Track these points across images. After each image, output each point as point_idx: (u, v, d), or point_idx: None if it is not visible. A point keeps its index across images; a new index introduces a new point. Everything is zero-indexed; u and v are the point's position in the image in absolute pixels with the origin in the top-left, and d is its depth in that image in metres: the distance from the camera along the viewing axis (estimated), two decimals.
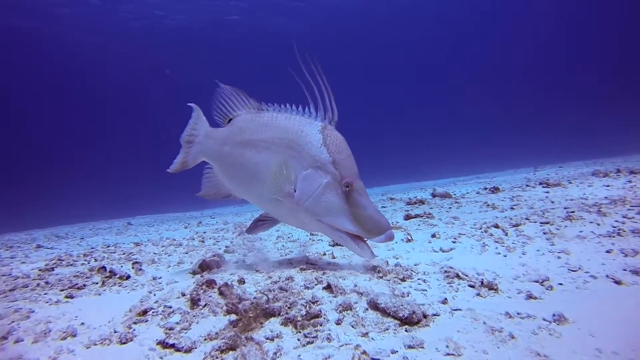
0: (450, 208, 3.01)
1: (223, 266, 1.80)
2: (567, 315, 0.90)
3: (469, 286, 1.20)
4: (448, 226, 2.24)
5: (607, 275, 1.17)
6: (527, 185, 3.63)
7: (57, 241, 4.14)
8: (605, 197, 2.40)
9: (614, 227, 1.76)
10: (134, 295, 1.46)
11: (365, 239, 1.35)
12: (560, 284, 1.16)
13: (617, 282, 1.12)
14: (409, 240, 1.92)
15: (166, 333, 1.00)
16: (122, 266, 2.06)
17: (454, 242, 1.74)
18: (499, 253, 1.50)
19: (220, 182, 1.65)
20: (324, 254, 1.76)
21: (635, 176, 3.23)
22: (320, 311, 0.98)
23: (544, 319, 0.89)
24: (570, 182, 3.42)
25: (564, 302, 1.01)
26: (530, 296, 1.07)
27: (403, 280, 1.30)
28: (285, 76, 1.40)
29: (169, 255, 2.34)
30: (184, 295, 1.28)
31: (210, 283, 1.21)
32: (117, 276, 1.76)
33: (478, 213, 2.61)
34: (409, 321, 0.91)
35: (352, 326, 0.91)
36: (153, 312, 1.16)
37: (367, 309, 1.00)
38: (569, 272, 1.25)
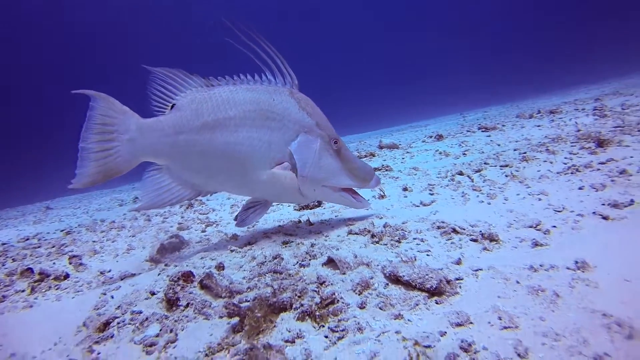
0: (403, 159, 3.01)
1: (185, 248, 1.58)
2: (587, 260, 0.87)
3: (471, 240, 1.15)
4: (412, 177, 2.21)
5: (593, 212, 1.19)
6: (467, 131, 3.76)
7: None
8: (545, 136, 2.54)
9: (565, 163, 1.85)
10: (83, 300, 1.21)
11: (356, 190, 1.39)
12: (554, 226, 1.16)
13: (605, 218, 1.15)
14: (382, 197, 1.85)
15: (147, 351, 0.80)
16: (54, 263, 1.74)
17: (431, 194, 1.70)
18: (482, 201, 1.48)
19: (176, 182, 1.33)
20: (299, 222, 1.62)
21: (555, 115, 3.50)
22: (334, 294, 0.85)
23: (568, 268, 0.86)
24: (504, 125, 3.61)
25: (571, 246, 1.00)
26: (536, 243, 1.05)
27: (399, 241, 1.22)
28: (228, 49, 1.25)
29: (113, 242, 2.02)
30: (153, 294, 1.06)
31: (187, 276, 1.01)
32: (51, 277, 1.46)
33: (434, 161, 2.63)
34: (438, 292, 0.82)
35: (380, 308, 0.80)
36: (119, 324, 0.94)
37: (387, 284, 0.89)
38: (556, 214, 1.26)
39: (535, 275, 0.85)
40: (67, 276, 1.47)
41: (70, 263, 1.64)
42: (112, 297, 1.16)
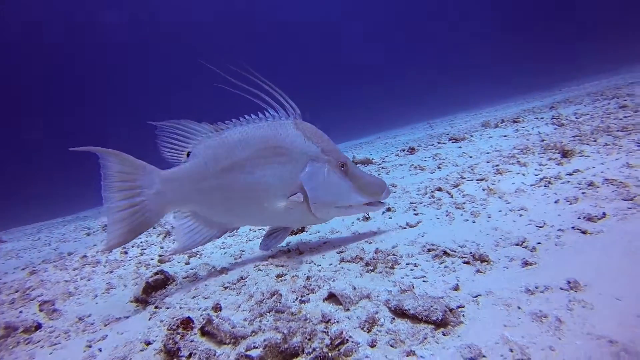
0: (379, 174, 3.06)
1: (171, 284, 1.52)
2: (577, 279, 0.92)
3: (463, 263, 1.18)
4: (392, 196, 2.25)
5: (572, 227, 1.26)
6: (438, 142, 3.89)
7: None
8: (514, 147, 2.67)
9: (536, 175, 1.96)
10: (64, 356, 1.13)
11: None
12: (539, 243, 1.22)
13: (584, 232, 1.22)
14: (366, 219, 1.87)
15: None
16: (20, 312, 1.61)
17: (415, 214, 1.73)
18: (467, 220, 1.53)
19: (206, 223, 1.41)
20: (289, 251, 1.60)
21: (518, 124, 3.69)
22: (343, 333, 0.85)
23: (562, 288, 0.91)
24: (472, 135, 3.76)
25: (558, 263, 1.05)
26: (526, 262, 1.10)
27: (392, 268, 1.23)
28: (223, 93, 1.32)
29: (88, 280, 1.92)
30: (149, 344, 1.02)
31: (187, 323, 0.97)
32: (20, 330, 1.34)
33: (410, 177, 2.69)
34: (443, 323, 0.84)
35: (391, 345, 0.81)
36: None
37: (393, 319, 0.90)
38: (539, 229, 1.32)
39: (534, 299, 0.88)
40: (39, 326, 1.37)
41: (41, 310, 1.52)
42: (100, 349, 1.10)
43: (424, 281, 1.11)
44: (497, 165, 2.27)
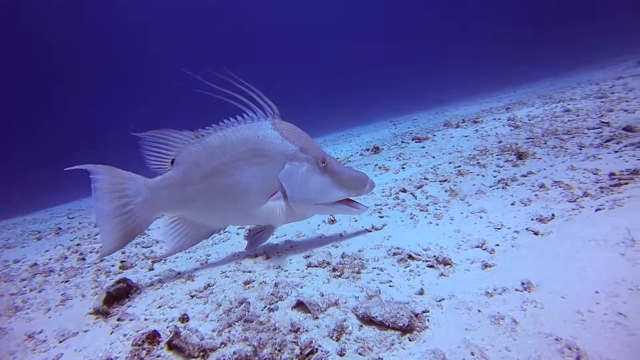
0: None
1: (134, 294, 1.46)
2: (530, 279, 0.98)
3: (427, 267, 1.22)
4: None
5: (526, 229, 1.34)
6: (402, 142, 3.98)
7: None
8: (474, 148, 2.79)
9: (495, 177, 2.06)
10: None
11: (353, 199, 1.50)
12: (497, 244, 1.29)
13: (536, 233, 1.30)
14: (332, 222, 1.89)
15: None
16: None
17: (381, 217, 1.78)
18: (431, 222, 1.59)
19: (194, 226, 1.49)
20: (255, 255, 1.59)
21: (478, 124, 3.86)
22: (312, 342, 0.86)
23: (517, 289, 0.96)
24: (435, 135, 3.89)
25: (514, 265, 1.12)
26: (485, 265, 1.16)
27: (359, 272, 1.26)
28: (198, 97, 1.39)
29: (40, 292, 1.80)
30: None
31: (153, 337, 0.94)
32: None
33: (375, 177, 2.74)
34: (409, 329, 0.87)
35: (360, 353, 0.83)
36: None
37: (361, 326, 0.92)
38: (497, 231, 1.39)
39: (492, 301, 0.93)
40: None
41: None
42: None
43: (390, 286, 1.14)
44: (459, 167, 2.36)
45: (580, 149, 2.13)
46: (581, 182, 1.63)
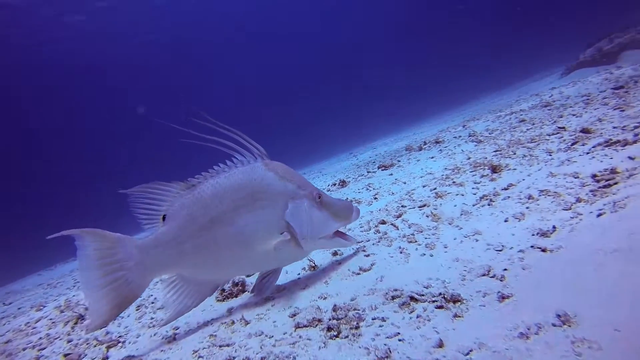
0: None
1: None
2: (563, 309, 0.83)
3: (436, 308, 1.04)
4: None
5: (531, 246, 1.21)
6: (367, 172, 3.89)
7: None
8: (445, 168, 2.73)
9: (475, 194, 1.97)
10: None
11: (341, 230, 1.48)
12: (505, 269, 1.14)
13: (544, 250, 1.17)
14: (313, 268, 1.68)
15: None
16: None
17: (366, 256, 1.59)
18: (424, 254, 1.42)
19: (195, 284, 1.37)
20: (232, 322, 1.34)
21: (440, 144, 3.87)
22: None
23: (554, 324, 0.80)
24: (399, 160, 3.85)
25: (534, 292, 0.97)
26: (502, 296, 1.00)
27: (357, 327, 1.06)
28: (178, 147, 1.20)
29: None
30: None
31: None
32: None
33: None
34: None
35: None
36: None
37: None
38: (499, 254, 1.25)
39: (533, 346, 0.76)
40: None
41: None
42: None
43: (399, 340, 0.95)
44: (435, 189, 2.26)
45: (550, 155, 2.11)
46: (567, 187, 1.55)
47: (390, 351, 0.89)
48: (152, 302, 2.01)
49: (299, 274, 1.68)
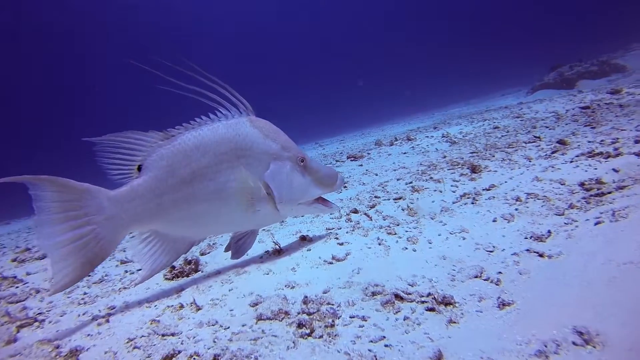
0: None
1: None
2: (583, 324, 0.71)
3: (426, 310, 0.90)
4: (303, 221, 1.93)
5: (527, 250, 1.10)
6: (336, 161, 3.74)
7: None
8: (420, 164, 2.63)
9: (454, 192, 1.87)
10: None
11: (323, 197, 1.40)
12: (500, 272, 1.02)
13: (541, 255, 1.07)
14: (278, 252, 1.48)
15: None
16: None
17: (340, 244, 1.42)
18: (406, 248, 1.28)
19: (170, 241, 1.28)
20: (181, 306, 1.12)
21: (412, 141, 3.80)
22: None
23: (575, 344, 0.68)
24: (369, 153, 3.73)
25: (539, 301, 0.85)
26: (502, 303, 0.87)
27: (333, 325, 0.89)
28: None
29: None
30: None
31: None
32: None
33: None
34: None
35: None
36: None
37: None
38: (490, 255, 1.13)
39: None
40: None
41: None
42: None
43: (385, 346, 0.79)
44: (411, 183, 2.14)
45: (530, 161, 2.06)
46: (556, 193, 1.48)
47: (375, 357, 0.73)
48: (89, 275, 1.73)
49: (261, 257, 1.49)
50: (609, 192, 1.34)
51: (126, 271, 1.73)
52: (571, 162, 1.82)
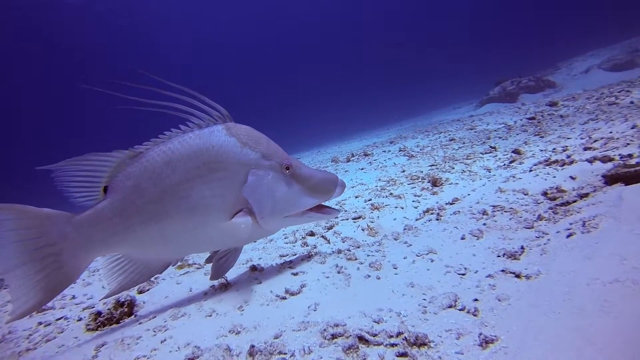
0: None
1: None
2: None
3: (397, 356, 0.74)
4: (254, 248, 1.73)
5: (501, 271, 0.99)
6: None
7: None
8: (378, 179, 2.52)
9: (416, 207, 1.76)
10: None
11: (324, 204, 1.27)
12: (476, 299, 0.89)
13: (518, 276, 0.95)
14: (225, 287, 1.27)
15: None
16: None
17: (294, 275, 1.23)
18: (369, 276, 1.12)
19: (142, 262, 1.18)
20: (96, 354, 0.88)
21: (370, 157, 3.74)
22: None
23: None
24: (326, 169, 3.61)
25: (527, 337, 0.72)
26: (485, 340, 0.73)
27: None
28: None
29: None
30: None
31: None
32: None
33: None
34: None
35: None
36: None
37: None
38: (463, 279, 1.00)
39: None
40: None
41: None
42: None
43: None
44: (370, 200, 2.01)
45: (489, 172, 2.01)
46: (521, 204, 1.40)
47: None
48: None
49: (205, 293, 1.27)
50: (574, 201, 1.28)
51: (40, 323, 1.43)
52: (530, 171, 1.78)
